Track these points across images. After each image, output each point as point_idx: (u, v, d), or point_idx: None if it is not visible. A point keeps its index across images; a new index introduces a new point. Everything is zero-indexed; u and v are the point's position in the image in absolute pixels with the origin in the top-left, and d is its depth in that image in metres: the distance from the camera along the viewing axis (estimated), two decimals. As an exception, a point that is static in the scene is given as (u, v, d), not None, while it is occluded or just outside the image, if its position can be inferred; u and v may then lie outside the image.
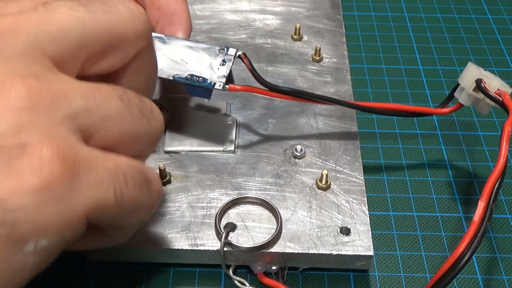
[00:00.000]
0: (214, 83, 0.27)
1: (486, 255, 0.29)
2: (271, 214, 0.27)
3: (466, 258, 0.22)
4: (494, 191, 0.23)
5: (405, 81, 0.39)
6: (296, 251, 0.26)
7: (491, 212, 0.23)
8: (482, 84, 0.27)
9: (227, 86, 0.27)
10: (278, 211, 0.27)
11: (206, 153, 0.30)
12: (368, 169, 0.33)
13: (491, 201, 0.23)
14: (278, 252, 0.26)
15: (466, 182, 0.32)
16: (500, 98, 0.27)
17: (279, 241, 0.26)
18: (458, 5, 0.46)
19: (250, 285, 0.26)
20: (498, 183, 0.24)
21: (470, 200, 0.31)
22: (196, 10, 0.40)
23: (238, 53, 0.28)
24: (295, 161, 0.30)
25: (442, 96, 0.38)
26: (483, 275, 0.28)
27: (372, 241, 0.26)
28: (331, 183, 0.28)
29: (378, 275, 0.28)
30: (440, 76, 0.39)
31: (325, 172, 0.28)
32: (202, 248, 0.26)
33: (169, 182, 0.29)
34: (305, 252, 0.26)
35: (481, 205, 0.23)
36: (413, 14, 0.45)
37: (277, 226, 0.26)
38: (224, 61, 0.27)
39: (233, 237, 0.26)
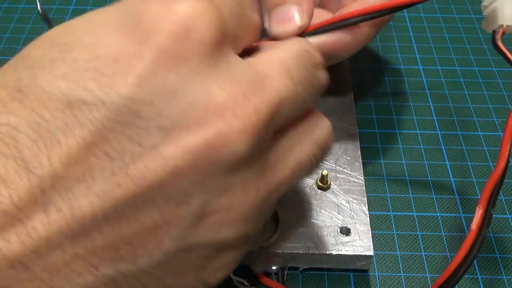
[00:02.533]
0: None
1: (486, 255, 0.29)
2: (271, 214, 0.27)
3: (463, 269, 0.21)
4: (493, 195, 0.21)
5: (405, 81, 0.39)
6: (296, 251, 0.26)
7: (490, 218, 0.21)
8: (496, 38, 0.22)
9: None
10: (277, 211, 0.27)
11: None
12: (368, 169, 0.33)
13: (490, 206, 0.21)
14: (278, 252, 0.26)
15: (466, 182, 0.32)
16: None
17: (279, 241, 0.26)
18: (458, 5, 0.46)
19: (250, 285, 0.26)
20: (497, 186, 0.21)
21: (470, 200, 0.31)
22: None
23: None
24: (295, 161, 0.30)
25: (442, 96, 0.38)
26: (483, 275, 0.28)
27: (372, 241, 0.26)
28: (331, 183, 0.28)
29: (378, 275, 0.28)
30: (440, 76, 0.39)
31: (325, 172, 0.28)
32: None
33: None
34: (305, 252, 0.26)
35: (479, 211, 0.21)
36: (413, 14, 0.45)
37: (277, 226, 0.26)
38: None
39: (233, 237, 0.26)
